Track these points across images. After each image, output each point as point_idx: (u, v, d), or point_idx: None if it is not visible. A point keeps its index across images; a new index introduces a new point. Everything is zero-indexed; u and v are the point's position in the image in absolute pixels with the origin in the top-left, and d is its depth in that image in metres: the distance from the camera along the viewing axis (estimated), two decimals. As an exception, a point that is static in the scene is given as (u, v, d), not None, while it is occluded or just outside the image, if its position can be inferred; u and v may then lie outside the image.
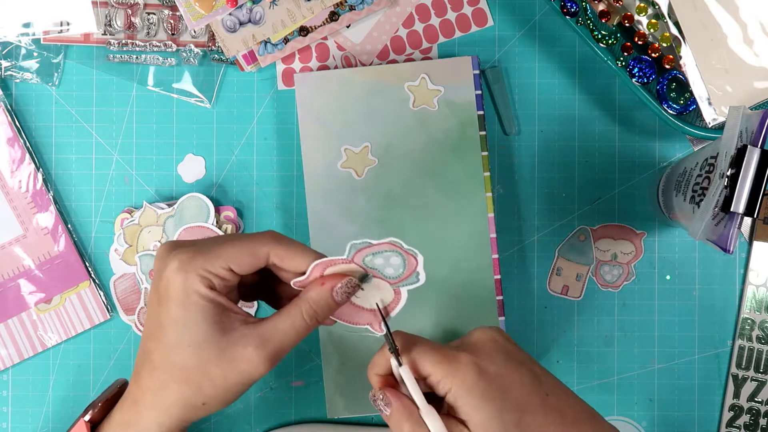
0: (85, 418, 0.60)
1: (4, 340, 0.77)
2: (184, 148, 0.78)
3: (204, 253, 0.57)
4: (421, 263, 0.58)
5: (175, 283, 0.57)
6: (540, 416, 0.56)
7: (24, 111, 0.78)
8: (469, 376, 0.55)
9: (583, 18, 0.74)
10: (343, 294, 0.58)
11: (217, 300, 0.57)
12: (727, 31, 0.72)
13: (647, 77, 0.73)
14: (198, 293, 0.56)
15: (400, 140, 0.76)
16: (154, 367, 0.57)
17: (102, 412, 0.61)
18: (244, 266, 0.58)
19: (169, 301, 0.57)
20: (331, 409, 0.75)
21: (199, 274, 0.56)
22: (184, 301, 0.56)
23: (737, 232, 0.59)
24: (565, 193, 0.79)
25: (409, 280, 0.59)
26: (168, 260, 0.57)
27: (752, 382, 0.77)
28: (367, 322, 0.60)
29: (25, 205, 0.77)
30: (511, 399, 0.56)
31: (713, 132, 0.73)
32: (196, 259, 0.57)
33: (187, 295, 0.56)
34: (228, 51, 0.77)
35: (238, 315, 0.58)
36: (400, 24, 0.78)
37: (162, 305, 0.57)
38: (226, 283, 0.58)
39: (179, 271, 0.56)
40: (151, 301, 0.58)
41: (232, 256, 0.57)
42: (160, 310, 0.57)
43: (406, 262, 0.59)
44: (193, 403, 0.57)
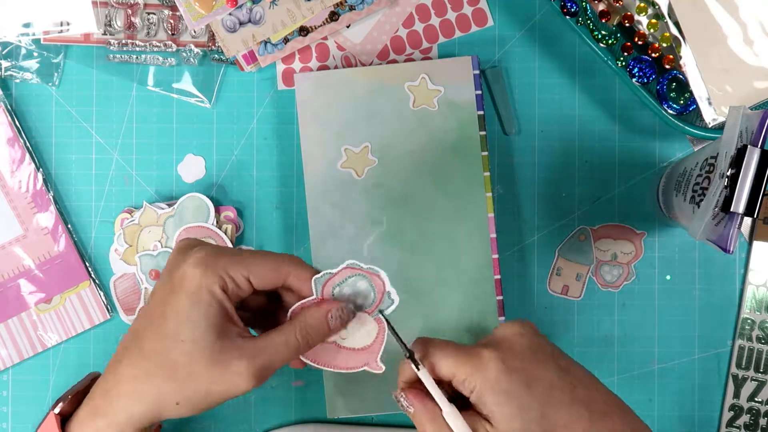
0: (55, 410, 0.59)
1: (4, 340, 0.77)
2: (184, 148, 0.78)
3: (228, 256, 0.57)
4: (387, 281, 0.58)
5: (192, 276, 0.56)
6: (564, 411, 0.56)
7: (24, 111, 0.78)
8: (491, 372, 0.56)
9: (583, 18, 0.74)
10: (337, 320, 0.58)
11: (224, 304, 0.57)
12: (727, 31, 0.72)
13: (647, 77, 0.73)
14: (210, 292, 0.56)
15: (400, 140, 0.76)
16: (143, 355, 0.57)
17: (72, 405, 0.60)
18: (263, 280, 0.58)
19: (180, 292, 0.56)
20: (331, 409, 0.75)
21: (218, 273, 0.56)
22: (194, 295, 0.56)
23: (737, 232, 0.59)
24: (565, 193, 0.79)
25: (383, 303, 0.59)
26: (190, 253, 0.57)
27: (752, 382, 0.77)
28: (363, 363, 0.60)
29: (25, 205, 0.77)
30: (535, 394, 0.56)
31: (713, 132, 0.73)
32: (219, 258, 0.57)
33: (200, 291, 0.56)
34: (228, 51, 0.77)
35: (237, 327, 0.57)
36: (400, 24, 0.78)
37: (171, 295, 0.57)
38: (239, 292, 0.58)
39: (199, 265, 0.56)
40: (158, 290, 0.58)
41: (254, 266, 0.58)
42: (167, 300, 0.57)
43: (373, 284, 0.59)
44: (169, 399, 0.56)
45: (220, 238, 0.76)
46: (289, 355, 0.57)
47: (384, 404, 0.75)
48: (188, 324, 0.56)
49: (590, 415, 0.57)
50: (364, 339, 0.60)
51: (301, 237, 0.78)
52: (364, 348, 0.60)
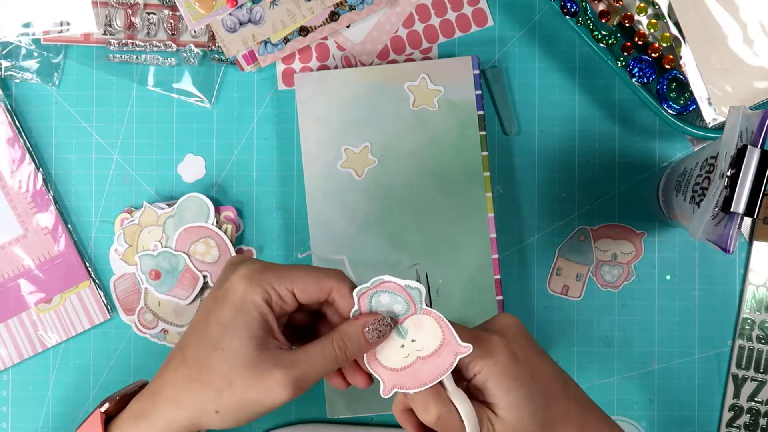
0: (101, 409, 0.60)
1: (4, 340, 0.77)
2: (184, 148, 0.78)
3: (273, 270, 0.58)
4: (398, 282, 0.57)
5: (237, 288, 0.57)
6: (563, 402, 0.58)
7: (24, 111, 0.78)
8: (501, 358, 0.56)
9: (583, 18, 0.74)
10: (374, 332, 0.57)
11: (267, 317, 0.57)
12: (727, 31, 0.72)
13: (647, 77, 0.73)
14: (254, 303, 0.57)
15: (400, 140, 0.76)
16: (185, 361, 0.58)
17: (118, 407, 0.61)
18: (307, 293, 0.58)
19: (225, 302, 0.57)
20: (331, 409, 0.75)
21: (262, 286, 0.57)
22: (237, 306, 0.57)
23: (737, 232, 0.59)
24: (565, 193, 0.79)
25: (414, 298, 0.58)
26: (237, 267, 0.59)
27: (752, 382, 0.77)
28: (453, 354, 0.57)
29: (25, 205, 0.77)
30: (539, 384, 0.57)
31: (713, 132, 0.73)
32: (264, 272, 0.58)
33: (244, 302, 0.57)
34: (228, 51, 0.77)
35: (277, 340, 0.58)
36: (400, 24, 0.78)
37: (216, 304, 0.58)
38: (283, 305, 0.58)
39: (245, 278, 0.58)
40: (206, 302, 0.60)
41: (299, 280, 0.58)
42: (213, 309, 0.58)
43: (407, 298, 0.58)
44: (208, 407, 0.57)
45: (219, 238, 0.76)
46: (326, 365, 0.57)
47: (384, 404, 0.75)
48: (229, 333, 0.57)
49: (581, 408, 0.58)
50: (434, 337, 0.58)
51: (301, 237, 0.78)
52: (442, 344, 0.58)
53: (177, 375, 0.58)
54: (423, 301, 0.58)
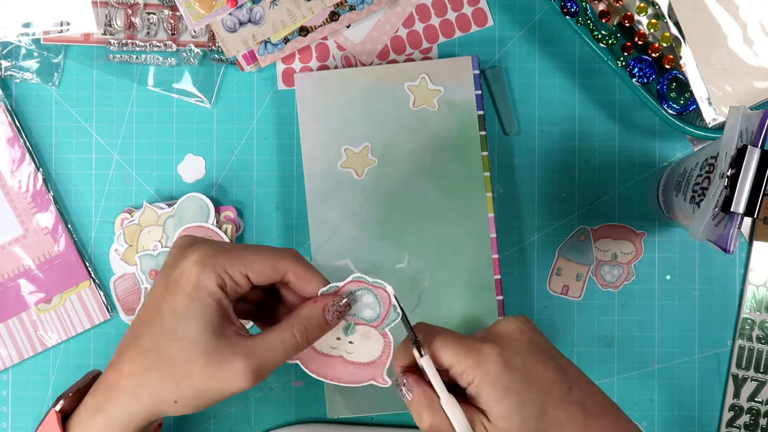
0: (56, 408, 0.59)
1: (4, 340, 0.77)
2: (184, 148, 0.78)
3: (226, 254, 0.57)
4: (393, 294, 0.58)
5: (189, 274, 0.56)
6: (562, 410, 0.56)
7: (24, 111, 0.78)
8: (492, 367, 0.55)
9: (583, 18, 0.74)
10: (335, 313, 0.58)
11: (222, 302, 0.56)
12: (727, 31, 0.72)
13: (647, 77, 0.73)
14: (208, 290, 0.56)
15: (400, 140, 0.76)
16: (141, 352, 0.57)
17: (73, 403, 0.60)
18: (261, 276, 0.58)
19: (178, 290, 0.56)
20: (331, 409, 0.75)
21: (215, 271, 0.56)
22: (191, 294, 0.56)
23: (737, 232, 0.59)
24: (565, 193, 0.79)
25: (389, 317, 0.59)
26: (188, 252, 0.57)
27: (752, 382, 0.77)
28: (369, 377, 0.60)
29: (25, 205, 0.77)
30: (534, 391, 0.56)
31: (713, 132, 0.73)
32: (217, 256, 0.57)
33: (197, 289, 0.56)
34: (228, 51, 0.76)
35: (234, 325, 0.57)
36: (400, 24, 0.78)
37: (168, 293, 0.57)
38: (237, 288, 0.57)
39: (197, 264, 0.56)
40: (157, 288, 0.58)
41: (252, 263, 0.57)
42: (165, 298, 0.57)
43: (379, 298, 0.58)
44: (166, 397, 0.56)
45: (220, 239, 0.76)
46: (286, 352, 0.57)
47: (384, 404, 0.75)
48: (185, 322, 0.56)
49: (585, 416, 0.57)
50: (370, 353, 0.59)
51: (301, 237, 0.78)
52: (371, 362, 0.60)
53: (133, 366, 0.57)
54: (389, 318, 0.58)
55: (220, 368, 0.55)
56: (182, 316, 0.56)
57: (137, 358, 0.57)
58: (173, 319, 0.56)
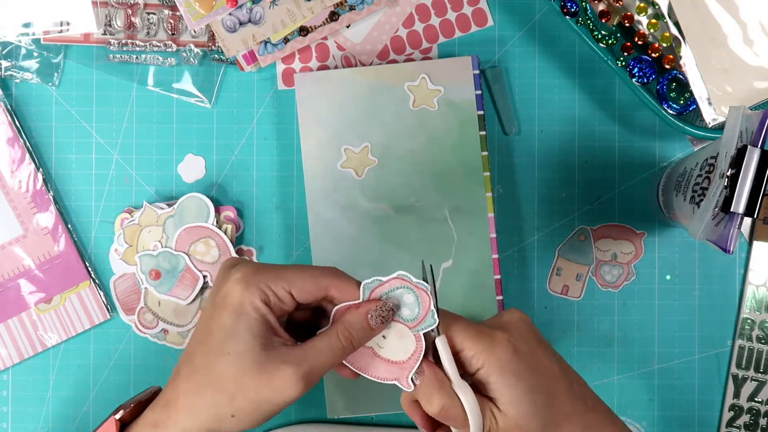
0: (116, 416, 0.60)
1: (4, 340, 0.77)
2: (184, 148, 0.78)
3: (268, 271, 0.59)
4: (433, 299, 0.58)
5: (234, 292, 0.58)
6: (567, 401, 0.58)
7: (24, 111, 0.78)
8: (504, 353, 0.56)
9: (583, 18, 0.74)
10: (377, 318, 0.58)
11: (267, 317, 0.58)
12: (727, 31, 0.72)
13: (647, 77, 0.73)
14: (252, 305, 0.57)
15: (400, 140, 0.76)
16: (194, 370, 0.58)
17: (133, 414, 0.61)
18: (304, 293, 0.59)
19: (224, 308, 0.58)
20: (331, 409, 0.75)
21: (259, 287, 0.58)
22: (236, 310, 0.57)
23: (737, 232, 0.59)
24: (565, 193, 0.79)
25: (426, 321, 0.58)
26: (232, 271, 0.59)
27: (752, 382, 0.77)
28: (395, 377, 0.59)
29: (25, 205, 0.77)
30: (542, 380, 0.57)
31: (713, 132, 0.73)
32: (259, 273, 0.58)
33: (242, 305, 0.57)
34: (228, 51, 0.77)
35: (281, 338, 0.58)
36: (400, 24, 0.78)
37: (216, 311, 0.58)
38: (281, 305, 0.59)
39: (240, 282, 0.58)
40: (206, 310, 0.60)
41: (294, 280, 0.58)
42: (213, 316, 0.58)
43: (420, 299, 0.58)
44: (223, 413, 0.57)
45: (219, 238, 0.76)
46: (334, 356, 0.58)
47: (384, 404, 0.75)
48: (232, 337, 0.57)
49: (585, 410, 0.59)
50: (399, 353, 0.59)
51: (301, 237, 0.78)
52: (399, 362, 0.59)
53: (189, 383, 0.58)
54: (425, 323, 0.58)
55: (270, 378, 0.56)
56: (229, 332, 0.57)
57: (191, 376, 0.58)
58: (221, 336, 0.57)
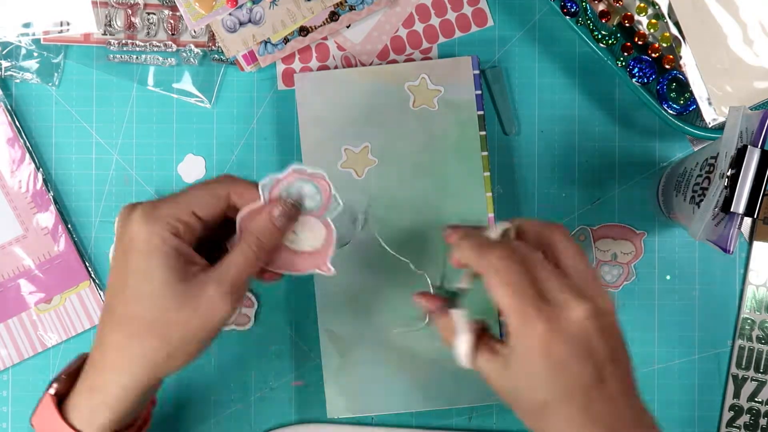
0: (50, 391, 0.59)
1: (4, 340, 0.77)
2: (184, 148, 0.78)
3: (166, 201, 0.58)
4: (332, 184, 0.59)
5: (139, 233, 0.57)
6: (571, 411, 0.55)
7: (24, 111, 0.78)
8: (535, 339, 0.54)
9: (583, 18, 0.74)
10: (282, 217, 0.58)
11: (180, 248, 0.57)
12: (727, 31, 0.72)
13: (647, 77, 0.73)
14: (162, 238, 0.56)
15: (400, 140, 0.76)
16: (117, 322, 0.57)
17: (67, 386, 0.60)
18: (207, 208, 0.58)
19: (132, 250, 0.57)
20: (331, 409, 0.75)
21: (163, 221, 0.57)
22: (146, 249, 0.56)
23: (737, 232, 0.59)
24: (565, 193, 0.79)
25: (330, 206, 0.59)
26: (131, 214, 0.58)
27: (752, 382, 0.77)
28: (313, 266, 0.60)
29: (25, 205, 0.77)
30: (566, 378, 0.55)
31: (713, 132, 0.73)
32: (159, 207, 0.57)
33: (150, 242, 0.56)
34: (228, 51, 0.77)
35: (197, 264, 0.58)
36: (400, 24, 0.78)
37: (125, 256, 0.57)
38: (190, 230, 0.58)
39: (143, 220, 0.57)
40: (114, 260, 0.58)
41: (193, 200, 0.58)
42: (123, 263, 0.57)
43: (319, 187, 0.59)
44: (156, 356, 0.57)
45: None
46: (250, 266, 0.58)
47: (384, 404, 0.75)
48: (147, 279, 0.56)
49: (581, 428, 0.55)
50: (312, 243, 0.60)
51: (301, 237, 0.78)
52: (314, 252, 0.60)
53: (114, 337, 0.57)
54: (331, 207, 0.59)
55: (196, 306, 0.56)
56: (143, 274, 0.56)
57: (116, 330, 0.57)
58: (136, 280, 0.56)
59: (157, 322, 0.56)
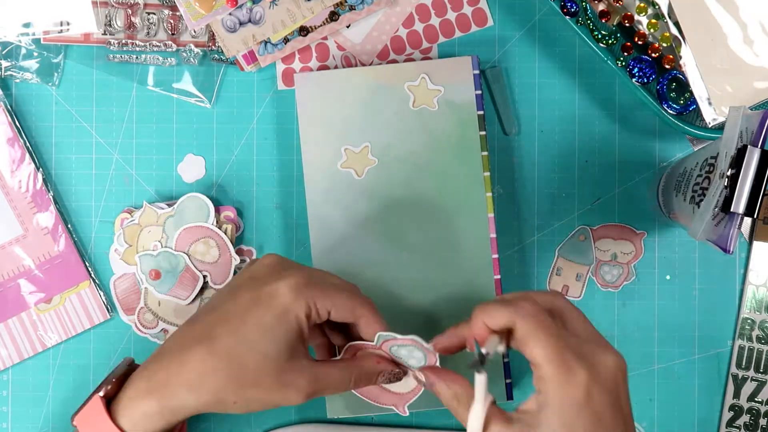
0: (100, 393, 0.62)
1: (4, 340, 0.77)
2: (184, 148, 0.79)
3: (318, 288, 0.62)
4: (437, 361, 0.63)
5: (283, 297, 0.61)
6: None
7: (24, 111, 0.78)
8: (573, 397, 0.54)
9: (583, 18, 0.74)
10: (385, 380, 0.65)
11: (303, 330, 0.62)
12: (727, 31, 0.72)
13: (647, 77, 0.74)
14: (296, 315, 0.61)
15: (400, 140, 0.76)
16: (213, 352, 0.60)
17: (115, 389, 0.63)
18: (340, 315, 0.63)
19: (269, 307, 0.61)
20: (331, 409, 0.75)
21: (307, 301, 0.61)
22: (281, 315, 0.60)
23: (737, 232, 0.59)
24: (565, 193, 0.79)
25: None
26: (284, 274, 0.62)
27: (752, 382, 0.77)
28: (392, 403, 0.67)
29: (25, 205, 0.77)
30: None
31: (713, 132, 0.73)
32: (310, 288, 0.62)
33: (287, 312, 0.61)
34: (228, 51, 0.77)
35: (304, 350, 0.63)
36: (400, 24, 0.78)
37: (258, 307, 0.61)
38: (317, 320, 0.63)
39: (293, 290, 0.61)
40: (243, 296, 0.62)
41: (338, 303, 0.63)
42: (253, 310, 0.61)
43: (427, 357, 0.63)
44: (228, 398, 0.61)
45: (219, 238, 0.76)
46: (339, 389, 0.63)
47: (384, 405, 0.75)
48: (269, 338, 0.60)
49: None
50: (402, 388, 0.66)
51: (301, 237, 0.78)
52: (399, 394, 0.66)
53: (202, 364, 0.60)
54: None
55: (285, 385, 0.61)
56: (267, 333, 0.60)
57: (208, 358, 0.60)
58: (258, 333, 0.60)
59: (249, 375, 0.60)
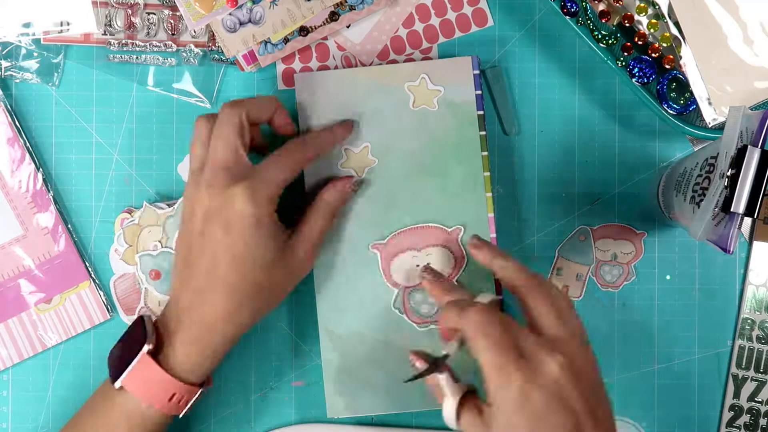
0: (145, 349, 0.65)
1: (4, 340, 0.77)
2: (184, 148, 0.78)
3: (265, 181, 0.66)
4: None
5: (247, 213, 0.64)
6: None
7: (24, 111, 0.78)
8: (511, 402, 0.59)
9: (583, 18, 0.74)
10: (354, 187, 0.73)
11: (278, 222, 0.67)
12: (727, 31, 0.72)
13: (647, 77, 0.74)
14: (269, 216, 0.66)
15: (400, 140, 0.76)
16: (231, 289, 0.65)
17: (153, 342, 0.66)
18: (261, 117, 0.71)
19: (244, 231, 0.64)
20: (331, 409, 0.75)
21: (267, 199, 0.65)
22: (257, 230, 0.65)
23: (737, 232, 0.59)
24: (565, 193, 0.79)
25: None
26: (234, 192, 0.64)
27: (752, 382, 0.77)
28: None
29: (25, 205, 0.77)
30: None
31: (713, 132, 0.73)
32: (260, 188, 0.65)
33: (259, 221, 0.65)
34: (228, 51, 0.77)
35: (283, 228, 0.68)
36: (400, 24, 0.78)
37: (230, 235, 0.64)
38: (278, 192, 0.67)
39: (250, 202, 0.64)
40: (214, 232, 0.65)
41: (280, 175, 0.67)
42: (230, 235, 0.64)
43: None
44: (261, 311, 0.68)
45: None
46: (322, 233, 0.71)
47: (384, 404, 0.75)
48: (259, 254, 0.65)
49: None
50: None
51: (301, 237, 0.78)
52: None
53: (229, 303, 0.65)
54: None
55: (291, 266, 0.68)
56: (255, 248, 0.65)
57: (232, 296, 0.65)
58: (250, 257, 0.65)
59: (264, 285, 0.66)
